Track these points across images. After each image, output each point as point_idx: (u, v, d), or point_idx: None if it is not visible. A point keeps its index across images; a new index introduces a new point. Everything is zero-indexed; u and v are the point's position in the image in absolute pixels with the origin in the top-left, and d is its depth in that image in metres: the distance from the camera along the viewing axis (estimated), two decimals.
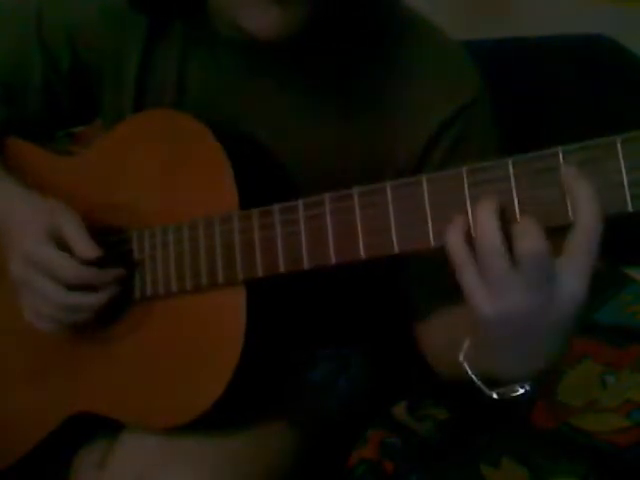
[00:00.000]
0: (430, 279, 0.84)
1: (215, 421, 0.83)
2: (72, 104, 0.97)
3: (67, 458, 0.95)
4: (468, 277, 0.63)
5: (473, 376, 0.70)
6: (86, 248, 0.84)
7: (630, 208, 0.60)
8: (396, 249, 0.70)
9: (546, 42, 1.35)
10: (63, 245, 0.84)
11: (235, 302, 0.79)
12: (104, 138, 0.92)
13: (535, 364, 0.66)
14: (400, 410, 1.07)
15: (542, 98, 1.28)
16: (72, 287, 0.84)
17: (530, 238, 0.60)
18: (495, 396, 0.69)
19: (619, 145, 0.60)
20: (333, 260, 0.73)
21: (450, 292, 0.82)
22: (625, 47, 1.30)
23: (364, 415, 1.04)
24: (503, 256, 0.61)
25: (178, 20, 0.89)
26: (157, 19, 0.89)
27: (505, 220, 0.63)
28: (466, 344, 0.71)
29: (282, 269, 0.76)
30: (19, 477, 0.95)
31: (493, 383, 0.69)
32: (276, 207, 0.77)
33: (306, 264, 0.75)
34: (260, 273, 0.77)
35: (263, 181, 0.84)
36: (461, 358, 0.70)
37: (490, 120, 0.87)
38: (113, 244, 0.87)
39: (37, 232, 0.84)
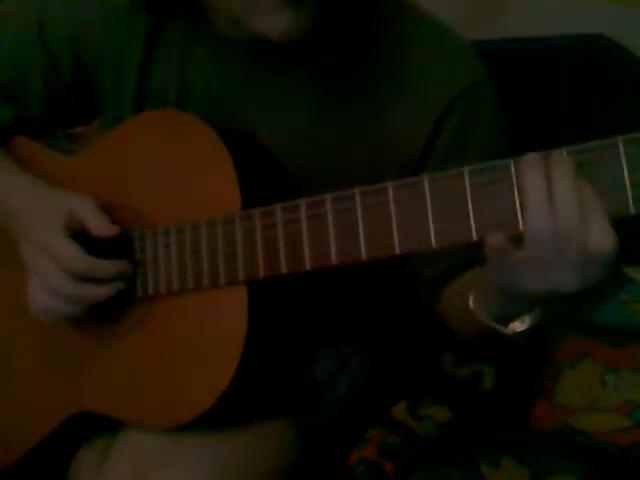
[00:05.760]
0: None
1: (215, 420, 0.83)
2: (73, 106, 0.97)
3: (67, 458, 0.95)
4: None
5: (484, 319, 0.72)
6: (101, 226, 0.85)
7: (632, 210, 0.60)
8: (397, 250, 0.70)
9: (546, 42, 1.35)
10: (79, 230, 0.85)
11: (236, 301, 0.79)
12: (107, 138, 0.93)
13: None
14: (400, 410, 1.07)
15: (542, 98, 1.28)
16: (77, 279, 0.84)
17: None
18: (508, 332, 0.71)
19: (621, 146, 0.60)
20: (334, 261, 0.73)
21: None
22: (625, 47, 1.30)
23: (364, 415, 1.04)
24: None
25: (179, 20, 0.89)
26: (157, 20, 0.89)
27: None
28: (473, 292, 0.73)
29: (284, 270, 0.76)
30: (19, 477, 0.95)
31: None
32: (278, 207, 0.77)
33: (308, 265, 0.75)
34: (262, 274, 0.77)
35: (265, 181, 0.84)
36: (471, 306, 0.73)
37: (494, 104, 0.88)
38: (115, 244, 0.87)
39: (53, 221, 0.85)
